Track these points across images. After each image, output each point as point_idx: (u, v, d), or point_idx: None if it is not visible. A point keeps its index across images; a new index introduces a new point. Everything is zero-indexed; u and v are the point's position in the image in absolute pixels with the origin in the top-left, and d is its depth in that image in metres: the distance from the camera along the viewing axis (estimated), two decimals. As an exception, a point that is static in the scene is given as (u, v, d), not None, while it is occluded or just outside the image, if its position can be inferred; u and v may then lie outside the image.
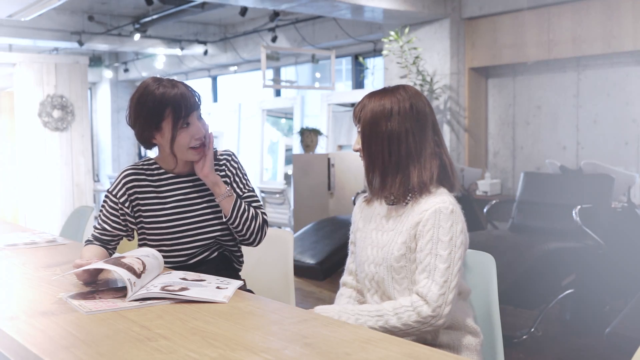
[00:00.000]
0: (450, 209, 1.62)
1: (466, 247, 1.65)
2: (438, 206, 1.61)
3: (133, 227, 2.05)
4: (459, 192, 1.73)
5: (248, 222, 2.00)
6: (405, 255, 1.64)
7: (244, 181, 2.10)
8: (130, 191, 2.02)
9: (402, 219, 1.68)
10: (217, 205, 2.03)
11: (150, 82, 1.95)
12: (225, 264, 2.08)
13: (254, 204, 2.07)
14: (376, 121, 1.68)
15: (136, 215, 2.03)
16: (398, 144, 1.67)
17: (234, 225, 1.99)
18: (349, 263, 1.89)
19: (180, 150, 1.96)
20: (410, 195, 1.68)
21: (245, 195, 2.07)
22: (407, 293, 1.65)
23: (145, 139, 1.99)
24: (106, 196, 2.05)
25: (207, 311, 1.47)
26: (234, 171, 2.08)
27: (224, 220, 2.01)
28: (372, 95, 1.73)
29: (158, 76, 2.02)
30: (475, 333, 1.69)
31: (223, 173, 2.07)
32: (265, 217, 2.07)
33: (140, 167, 2.06)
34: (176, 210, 2.01)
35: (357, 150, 1.76)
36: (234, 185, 2.06)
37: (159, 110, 1.91)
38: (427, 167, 1.67)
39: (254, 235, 2.02)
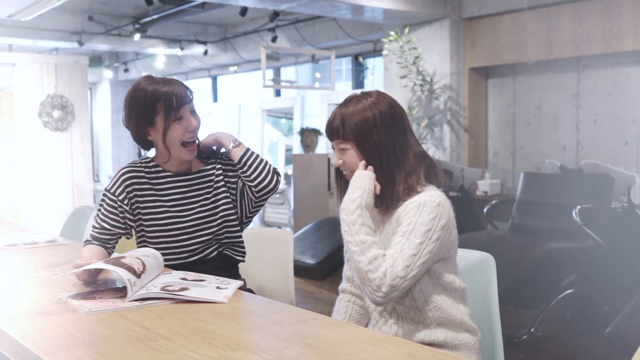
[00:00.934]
0: (437, 202, 1.60)
1: (445, 243, 1.61)
2: (424, 199, 1.60)
3: (132, 224, 2.06)
4: (454, 190, 1.72)
5: (262, 165, 2.03)
6: None
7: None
8: (129, 189, 2.02)
9: (392, 221, 1.68)
10: (215, 202, 2.04)
11: (142, 80, 1.99)
12: (225, 262, 2.09)
13: None
14: (364, 134, 1.66)
15: (135, 212, 2.03)
16: (387, 155, 1.66)
17: (248, 165, 2.01)
18: (346, 270, 1.88)
19: (173, 145, 1.98)
20: (399, 199, 1.68)
21: None
22: (405, 295, 1.64)
23: (141, 137, 2.01)
24: (104, 195, 2.05)
25: (207, 311, 1.47)
26: (231, 167, 2.09)
27: (235, 165, 2.03)
28: (346, 105, 1.70)
29: (151, 74, 2.04)
30: (472, 331, 1.69)
31: (219, 166, 2.09)
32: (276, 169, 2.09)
33: (139, 165, 2.07)
34: (174, 208, 2.01)
35: (339, 166, 1.73)
36: (231, 173, 2.08)
37: (151, 105, 1.94)
38: (412, 171, 1.67)
39: (269, 175, 2.03)
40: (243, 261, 2.15)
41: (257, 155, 2.05)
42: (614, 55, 5.44)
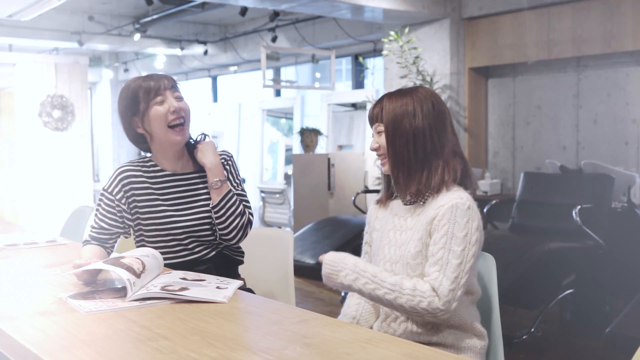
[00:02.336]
0: (467, 204, 1.62)
1: (481, 245, 1.65)
2: (455, 202, 1.62)
3: (130, 223, 2.05)
4: (473, 191, 1.73)
5: (233, 217, 2.01)
6: (422, 251, 1.64)
7: (237, 181, 2.12)
8: (126, 187, 2.02)
9: (420, 217, 1.68)
10: None
11: (128, 81, 2.04)
12: (224, 262, 2.08)
13: (244, 203, 2.08)
14: (400, 119, 1.69)
15: (133, 212, 2.03)
16: (423, 140, 1.68)
17: (219, 215, 2.00)
18: None
19: (159, 129, 1.98)
20: (428, 193, 1.69)
21: (236, 192, 2.08)
22: None
23: (132, 132, 2.03)
24: (101, 194, 2.05)
25: (207, 311, 1.47)
26: (229, 169, 2.10)
27: (210, 207, 2.01)
28: (391, 95, 1.74)
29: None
30: (481, 336, 1.69)
31: None
32: (251, 217, 2.07)
33: (136, 164, 2.06)
34: (173, 207, 2.01)
35: (374, 149, 1.76)
36: (230, 177, 2.09)
37: (134, 96, 1.99)
38: (451, 165, 1.69)
39: (234, 232, 2.02)
40: (242, 262, 2.15)
41: (234, 204, 2.01)
42: (614, 55, 5.44)
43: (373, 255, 1.81)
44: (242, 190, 2.11)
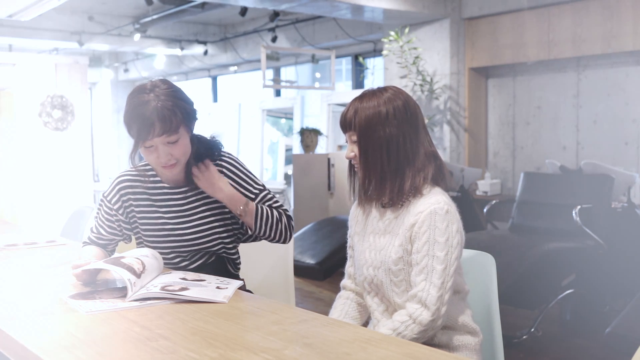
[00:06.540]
0: (445, 209, 1.61)
1: (462, 246, 1.64)
2: (433, 207, 1.61)
3: (129, 232, 2.03)
4: (455, 190, 1.73)
5: (274, 226, 1.96)
6: (403, 257, 1.64)
7: (251, 182, 1.99)
8: (124, 198, 1.98)
9: (398, 221, 1.67)
10: (213, 216, 1.97)
11: (138, 86, 1.87)
12: (224, 265, 2.07)
13: (274, 205, 1.99)
14: (372, 127, 1.66)
15: (132, 221, 2.00)
16: (396, 149, 1.66)
17: (262, 234, 1.97)
18: (348, 267, 1.88)
19: (151, 164, 1.92)
20: (404, 197, 1.67)
21: (259, 197, 1.98)
22: (406, 295, 1.65)
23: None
24: (102, 200, 2.02)
25: (207, 311, 1.47)
26: (234, 177, 1.98)
27: (250, 233, 1.98)
28: (362, 98, 1.69)
29: (159, 79, 1.88)
30: (474, 333, 1.69)
31: None
32: (287, 212, 2.01)
33: (136, 173, 1.99)
34: (172, 220, 1.96)
35: (350, 158, 1.72)
36: (241, 190, 1.96)
37: (128, 125, 1.82)
38: (421, 169, 1.67)
39: (283, 236, 1.99)
40: (237, 275, 2.12)
41: (268, 216, 1.95)
42: (614, 55, 5.44)
43: (356, 260, 1.80)
44: (261, 188, 2.00)
